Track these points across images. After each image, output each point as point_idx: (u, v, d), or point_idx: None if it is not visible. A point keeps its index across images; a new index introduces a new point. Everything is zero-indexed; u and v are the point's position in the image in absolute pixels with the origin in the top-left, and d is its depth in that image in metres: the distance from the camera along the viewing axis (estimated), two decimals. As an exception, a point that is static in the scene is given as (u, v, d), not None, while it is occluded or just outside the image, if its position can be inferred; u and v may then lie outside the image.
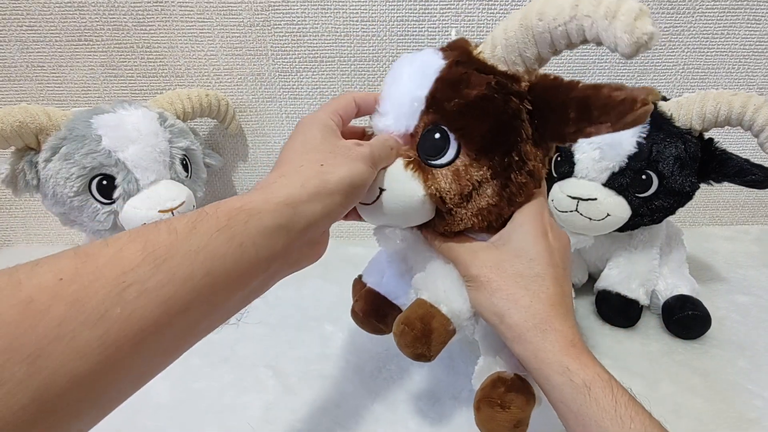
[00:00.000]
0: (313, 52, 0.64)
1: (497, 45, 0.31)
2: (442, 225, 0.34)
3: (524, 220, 0.33)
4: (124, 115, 0.49)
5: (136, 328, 0.19)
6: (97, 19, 0.62)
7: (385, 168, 0.32)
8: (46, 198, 0.49)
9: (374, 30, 0.63)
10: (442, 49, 0.34)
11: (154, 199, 0.48)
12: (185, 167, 0.54)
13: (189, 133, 0.55)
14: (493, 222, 0.33)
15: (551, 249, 0.32)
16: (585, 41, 0.29)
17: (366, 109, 0.35)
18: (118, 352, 0.19)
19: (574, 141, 0.32)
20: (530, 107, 0.31)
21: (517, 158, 0.31)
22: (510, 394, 0.32)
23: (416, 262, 0.38)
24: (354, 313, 0.42)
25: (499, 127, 0.31)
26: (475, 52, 0.33)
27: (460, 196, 0.32)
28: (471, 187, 0.32)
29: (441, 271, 0.35)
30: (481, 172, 0.31)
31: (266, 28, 0.63)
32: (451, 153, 0.31)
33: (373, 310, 0.41)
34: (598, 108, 0.28)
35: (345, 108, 0.34)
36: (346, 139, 0.33)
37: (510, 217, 0.34)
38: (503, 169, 0.31)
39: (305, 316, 0.53)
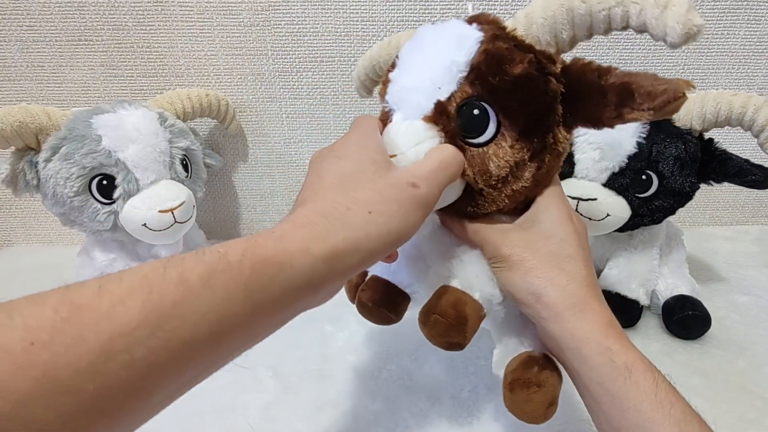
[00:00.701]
0: (313, 52, 0.64)
1: (532, 23, 0.30)
2: (470, 206, 0.32)
3: (550, 203, 0.32)
4: (124, 115, 0.49)
5: (112, 401, 0.16)
6: (97, 19, 0.62)
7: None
8: (46, 198, 0.49)
9: (374, 30, 0.64)
10: (471, 21, 0.32)
11: (154, 199, 0.48)
12: (185, 167, 0.54)
13: (189, 133, 0.55)
14: (520, 204, 0.33)
15: (578, 232, 0.32)
16: (626, 28, 0.29)
17: None
18: (85, 426, 0.16)
19: (612, 126, 0.30)
20: (564, 89, 0.30)
21: (552, 141, 0.31)
22: (544, 372, 0.31)
23: (432, 249, 0.36)
24: (361, 304, 0.37)
25: (541, 108, 0.30)
26: (509, 29, 0.31)
27: (497, 178, 0.30)
28: (509, 170, 0.30)
29: (469, 257, 0.33)
30: (521, 154, 0.30)
31: (266, 28, 0.63)
32: (491, 131, 0.30)
33: (384, 299, 0.37)
34: (642, 95, 0.27)
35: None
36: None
37: (531, 200, 0.33)
38: (540, 152, 0.31)
39: (305, 316, 0.52)
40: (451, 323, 0.31)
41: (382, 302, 0.38)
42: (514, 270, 0.30)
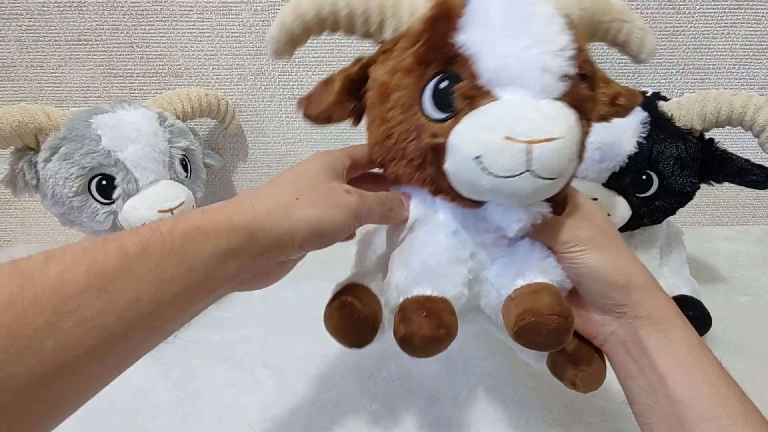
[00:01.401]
0: (313, 52, 0.64)
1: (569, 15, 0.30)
2: None
3: (584, 200, 0.33)
4: (124, 115, 0.49)
5: (70, 357, 0.18)
6: (96, 19, 0.62)
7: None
8: (46, 198, 0.49)
9: (374, 30, 0.63)
10: None
11: (153, 199, 0.48)
12: (185, 167, 0.54)
13: (188, 133, 0.55)
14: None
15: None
16: (612, 42, 0.36)
17: None
18: (49, 382, 0.18)
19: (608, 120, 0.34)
20: None
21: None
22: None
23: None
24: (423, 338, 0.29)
25: (593, 90, 0.30)
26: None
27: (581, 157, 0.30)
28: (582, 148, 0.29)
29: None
30: (586, 135, 0.30)
31: (266, 28, 0.62)
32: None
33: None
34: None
35: (362, 155, 0.33)
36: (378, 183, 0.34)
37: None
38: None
39: (304, 316, 0.53)
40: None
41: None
42: (602, 250, 0.30)
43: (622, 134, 0.47)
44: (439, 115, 0.28)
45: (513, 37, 0.26)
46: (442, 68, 0.28)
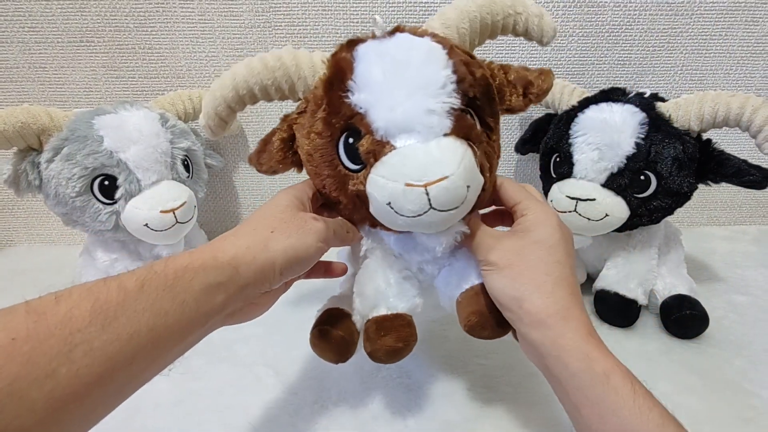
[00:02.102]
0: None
1: (453, 32, 0.35)
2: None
3: (539, 212, 0.34)
4: (126, 116, 0.50)
5: (81, 384, 0.21)
6: (98, 20, 0.62)
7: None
8: (49, 198, 0.50)
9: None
10: (414, 34, 0.32)
11: (155, 199, 0.49)
12: (186, 168, 0.54)
13: (190, 134, 0.56)
14: (489, 202, 0.37)
15: (566, 239, 0.33)
16: (515, 33, 0.38)
17: None
18: (64, 406, 0.20)
19: (523, 110, 0.36)
20: None
21: (497, 130, 0.35)
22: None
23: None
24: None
25: (493, 102, 0.34)
26: (442, 36, 0.34)
27: (489, 170, 0.33)
28: (493, 160, 0.34)
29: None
30: (494, 146, 0.34)
31: (267, 30, 0.63)
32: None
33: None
34: (534, 85, 0.35)
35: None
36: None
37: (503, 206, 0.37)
38: (497, 141, 0.35)
39: (305, 316, 0.53)
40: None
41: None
42: (502, 274, 0.32)
43: (620, 135, 0.47)
44: (354, 166, 0.32)
45: (395, 88, 0.30)
46: (345, 127, 0.31)
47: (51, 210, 0.51)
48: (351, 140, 0.31)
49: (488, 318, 0.34)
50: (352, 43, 0.33)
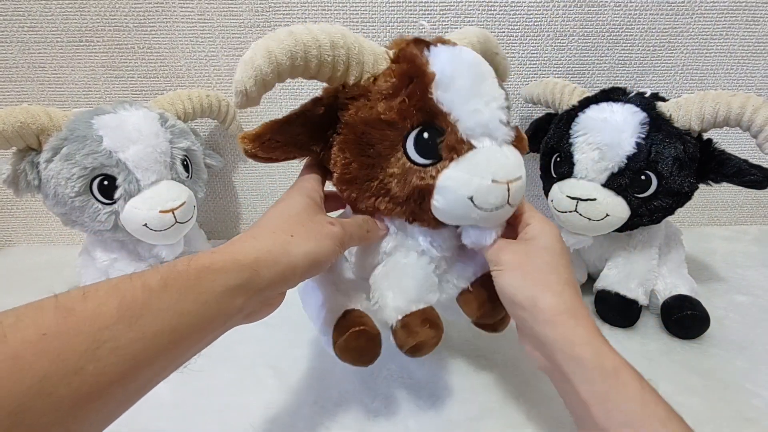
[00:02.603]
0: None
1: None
2: None
3: (544, 224, 0.36)
4: (125, 116, 0.49)
5: (105, 381, 0.21)
6: (98, 20, 0.62)
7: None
8: (48, 198, 0.49)
9: (374, 31, 0.64)
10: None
11: (155, 199, 0.49)
12: (186, 168, 0.54)
13: (190, 134, 0.55)
14: None
15: (567, 251, 0.36)
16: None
17: None
18: (87, 404, 0.20)
19: None
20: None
21: None
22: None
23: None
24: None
25: None
26: None
27: None
28: None
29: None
30: None
31: (266, 29, 0.63)
32: None
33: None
34: None
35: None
36: (338, 207, 0.38)
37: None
38: None
39: (305, 316, 0.53)
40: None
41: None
42: (514, 274, 0.33)
43: (620, 135, 0.47)
44: (423, 161, 0.32)
45: (477, 95, 0.32)
46: (423, 121, 0.32)
47: (50, 210, 0.51)
48: (426, 135, 0.32)
49: (497, 307, 0.36)
50: (420, 43, 0.34)
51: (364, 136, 0.33)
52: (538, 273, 0.33)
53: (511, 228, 0.37)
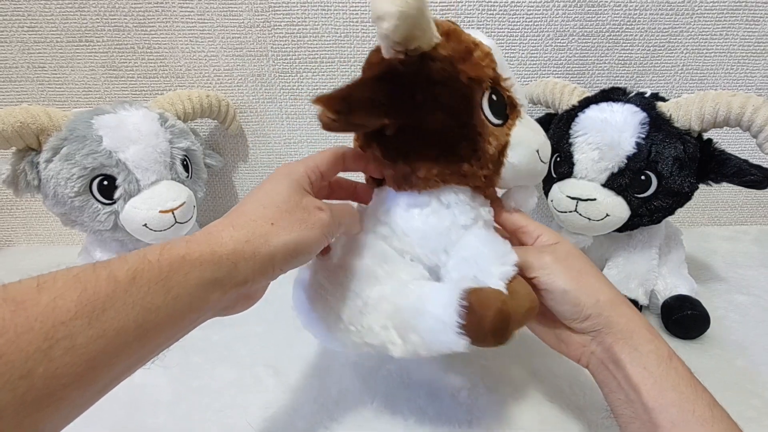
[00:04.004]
0: (314, 53, 0.64)
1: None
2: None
3: (553, 233, 0.37)
4: (125, 116, 0.49)
5: (58, 385, 0.18)
6: (97, 20, 0.62)
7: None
8: (47, 198, 0.49)
9: (374, 30, 0.64)
10: None
11: (155, 199, 0.49)
12: (186, 168, 0.54)
13: (189, 134, 0.55)
14: None
15: None
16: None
17: (353, 166, 0.35)
18: (35, 411, 0.18)
19: None
20: None
21: None
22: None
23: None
24: None
25: None
26: None
27: None
28: None
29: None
30: None
31: (266, 29, 0.63)
32: None
33: None
34: None
35: (329, 164, 0.33)
36: (335, 191, 0.37)
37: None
38: None
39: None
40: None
41: None
42: (568, 273, 0.34)
43: (620, 134, 0.47)
44: (497, 121, 0.34)
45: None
46: (491, 85, 0.34)
47: (50, 210, 0.51)
48: (495, 97, 0.34)
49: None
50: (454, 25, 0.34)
51: (458, 91, 0.32)
52: (587, 270, 0.34)
53: (513, 238, 0.38)
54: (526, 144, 0.35)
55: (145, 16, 0.62)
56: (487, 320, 0.28)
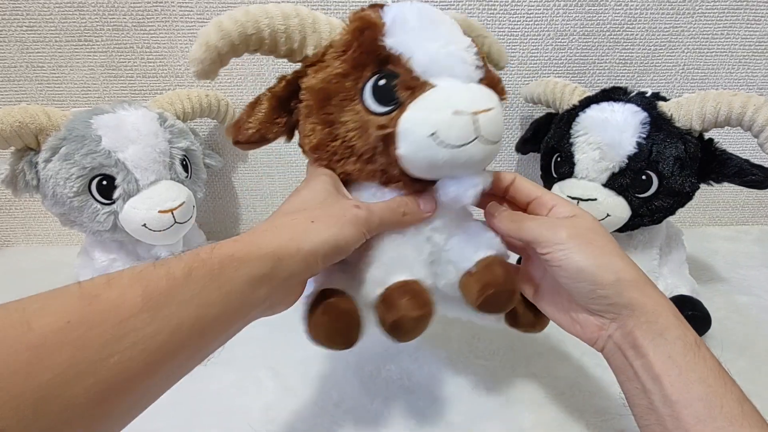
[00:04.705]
0: (313, 53, 0.64)
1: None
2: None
3: (567, 203, 0.34)
4: (124, 116, 0.49)
5: (127, 376, 0.20)
6: (96, 20, 0.62)
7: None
8: (46, 198, 0.49)
9: (374, 30, 0.63)
10: None
11: (154, 199, 0.48)
12: (185, 168, 0.54)
13: (189, 134, 0.55)
14: None
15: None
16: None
17: None
18: (106, 400, 0.19)
19: None
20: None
21: None
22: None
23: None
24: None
25: None
26: None
27: None
28: None
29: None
30: None
31: (266, 29, 0.63)
32: None
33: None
34: None
35: None
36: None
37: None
38: None
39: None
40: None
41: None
42: (586, 249, 0.30)
43: (621, 134, 0.47)
44: (382, 108, 0.31)
45: (432, 38, 0.31)
46: (377, 68, 0.31)
47: (48, 210, 0.51)
48: (383, 81, 0.31)
49: (503, 289, 0.32)
50: (375, 6, 0.34)
51: (321, 93, 0.32)
52: (607, 244, 0.31)
53: (527, 211, 0.36)
54: (413, 130, 0.30)
55: (144, 15, 0.62)
56: (385, 324, 0.31)
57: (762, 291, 0.58)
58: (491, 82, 0.32)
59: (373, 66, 0.31)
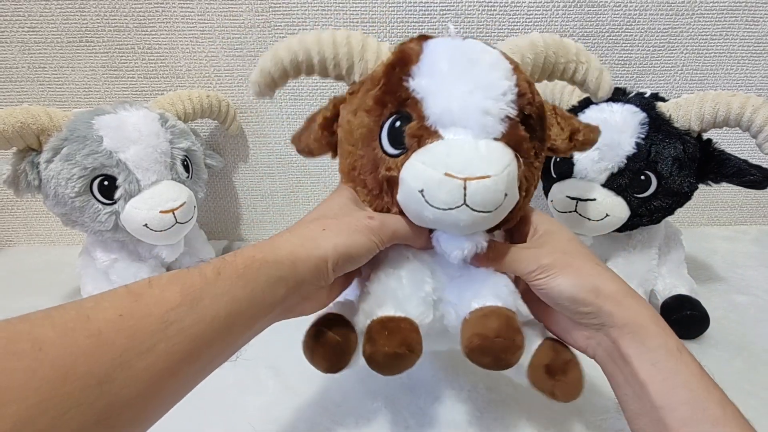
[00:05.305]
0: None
1: (515, 54, 0.34)
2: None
3: (549, 220, 0.36)
4: (125, 116, 0.49)
5: (174, 360, 0.22)
6: (98, 20, 0.62)
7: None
8: (48, 198, 0.49)
9: (374, 30, 0.64)
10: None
11: (155, 199, 0.49)
12: (186, 168, 0.54)
13: (190, 134, 0.55)
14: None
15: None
16: (570, 80, 0.39)
17: None
18: (160, 381, 0.22)
19: (565, 154, 0.38)
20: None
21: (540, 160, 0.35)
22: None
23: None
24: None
25: (544, 131, 0.35)
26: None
27: (526, 192, 0.33)
28: (532, 185, 0.34)
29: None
30: (537, 172, 0.34)
31: (267, 30, 0.63)
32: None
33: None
34: (580, 134, 0.38)
35: None
36: None
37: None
38: (539, 168, 0.35)
39: (307, 317, 0.53)
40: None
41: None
42: (566, 273, 0.32)
43: (620, 135, 0.47)
44: (393, 150, 0.31)
45: (457, 82, 0.29)
46: (397, 109, 0.31)
47: (50, 210, 0.51)
48: (398, 123, 0.31)
49: (491, 343, 0.30)
50: (423, 37, 0.33)
51: (348, 126, 0.33)
52: (585, 264, 0.32)
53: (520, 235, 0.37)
54: (407, 182, 0.29)
55: (145, 16, 0.62)
56: (364, 355, 0.31)
57: (760, 291, 0.58)
58: (514, 139, 0.30)
59: (394, 106, 0.31)
